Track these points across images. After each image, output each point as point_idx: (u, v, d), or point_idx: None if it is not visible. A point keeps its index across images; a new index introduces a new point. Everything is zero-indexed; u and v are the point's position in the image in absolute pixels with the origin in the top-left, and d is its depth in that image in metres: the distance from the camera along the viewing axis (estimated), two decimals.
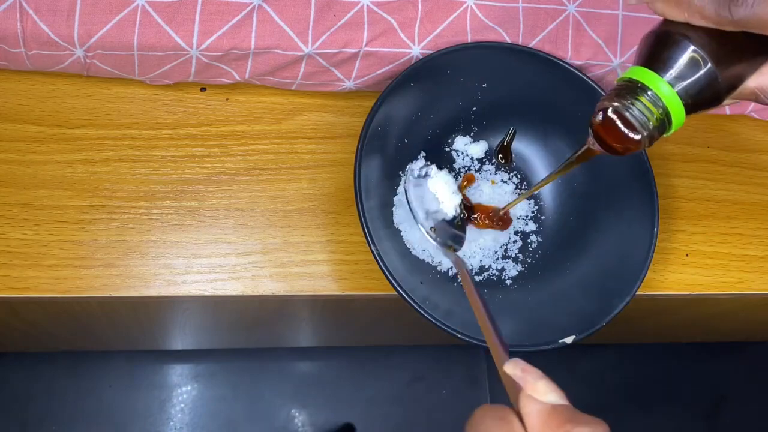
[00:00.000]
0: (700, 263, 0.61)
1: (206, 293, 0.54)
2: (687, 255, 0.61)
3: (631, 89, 0.38)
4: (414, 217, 0.53)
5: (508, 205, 0.56)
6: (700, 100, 0.37)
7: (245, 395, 1.23)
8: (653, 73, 0.37)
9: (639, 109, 0.37)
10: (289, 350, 1.25)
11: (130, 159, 0.56)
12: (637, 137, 0.38)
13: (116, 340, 1.06)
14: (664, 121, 0.38)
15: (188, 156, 0.57)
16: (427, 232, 0.52)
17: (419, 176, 0.55)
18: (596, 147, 0.42)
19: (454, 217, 0.55)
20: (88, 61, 0.53)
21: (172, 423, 1.19)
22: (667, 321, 1.03)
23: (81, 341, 1.06)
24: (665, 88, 0.37)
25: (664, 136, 0.39)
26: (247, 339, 1.13)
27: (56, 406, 1.17)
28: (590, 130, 0.41)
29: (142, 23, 0.51)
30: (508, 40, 0.56)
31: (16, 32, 0.50)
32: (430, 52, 0.54)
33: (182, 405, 1.20)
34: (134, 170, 0.56)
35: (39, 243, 0.53)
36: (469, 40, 0.55)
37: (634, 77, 0.38)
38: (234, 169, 0.57)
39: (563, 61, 0.56)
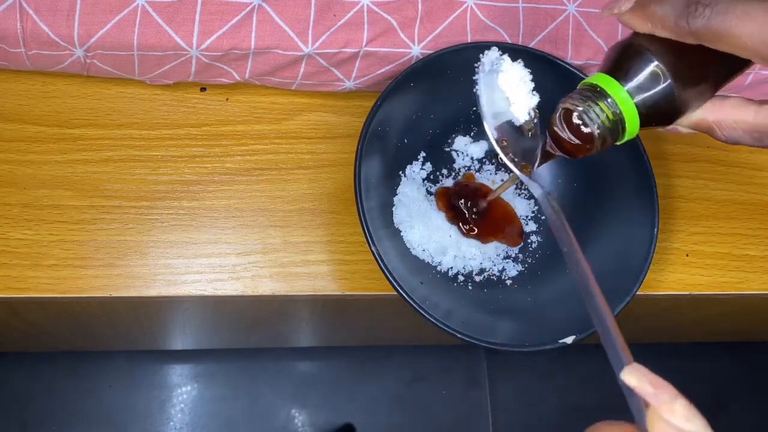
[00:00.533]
0: (700, 263, 0.61)
1: (206, 293, 0.54)
2: (687, 255, 0.61)
3: (592, 93, 0.39)
4: (484, 122, 0.46)
5: (495, 190, 0.55)
6: (654, 113, 0.38)
7: (245, 395, 1.23)
8: (615, 81, 0.38)
9: (596, 113, 0.39)
10: (289, 350, 1.25)
11: (130, 159, 0.56)
12: (590, 139, 0.39)
13: (116, 340, 1.06)
14: (618, 128, 0.39)
15: (188, 156, 0.57)
16: (498, 145, 0.46)
17: (491, 71, 0.47)
18: (552, 149, 0.42)
19: (527, 121, 0.48)
20: (88, 61, 0.53)
21: (172, 423, 1.19)
22: (667, 321, 1.03)
23: (81, 341, 1.06)
24: (624, 96, 0.38)
25: (617, 143, 0.40)
26: (247, 339, 1.13)
27: (56, 406, 1.17)
28: (547, 132, 0.42)
29: (142, 23, 0.51)
30: (508, 40, 0.56)
31: (16, 32, 0.50)
32: (430, 52, 0.54)
33: (182, 405, 1.20)
34: (134, 170, 0.56)
35: (39, 243, 0.53)
36: (469, 40, 0.55)
37: (596, 83, 0.39)
38: (234, 169, 0.57)
39: (563, 61, 0.56)
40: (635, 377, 0.30)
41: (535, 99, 0.47)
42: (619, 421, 0.30)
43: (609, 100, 0.38)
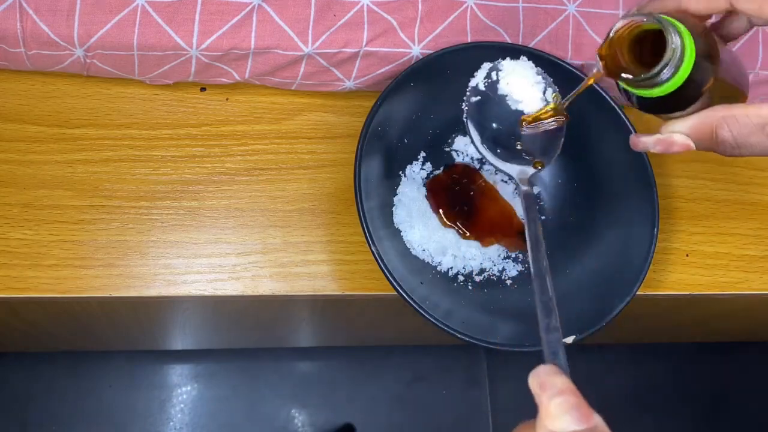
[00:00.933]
0: (700, 263, 0.61)
1: (206, 293, 0.54)
2: (687, 255, 0.61)
3: (676, 32, 0.37)
4: (474, 145, 0.48)
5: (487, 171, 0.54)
6: (696, 72, 0.37)
7: (245, 395, 1.22)
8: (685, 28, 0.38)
9: (678, 49, 0.37)
10: (289, 350, 1.25)
11: (130, 159, 0.56)
12: (653, 62, 0.38)
13: (116, 340, 1.06)
14: (664, 80, 0.37)
15: (188, 156, 0.57)
16: (492, 162, 0.47)
17: (487, 88, 0.48)
18: (599, 66, 0.41)
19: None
20: (88, 61, 0.53)
21: (172, 423, 1.19)
22: (667, 321, 1.03)
23: (81, 341, 1.06)
24: (690, 41, 0.37)
25: (650, 91, 0.39)
26: (247, 339, 1.13)
27: (56, 406, 1.17)
28: (600, 52, 0.41)
29: (142, 23, 0.51)
30: (508, 40, 0.56)
31: (16, 32, 0.50)
32: (430, 52, 0.54)
33: (182, 405, 1.20)
34: (134, 170, 0.56)
35: (39, 243, 0.53)
36: (469, 40, 0.55)
37: (681, 29, 0.37)
38: (234, 169, 0.57)
39: (563, 61, 0.56)
40: (532, 379, 0.30)
41: (540, 86, 0.46)
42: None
43: (686, 44, 0.37)
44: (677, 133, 0.39)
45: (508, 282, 0.56)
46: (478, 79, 0.49)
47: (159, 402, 1.20)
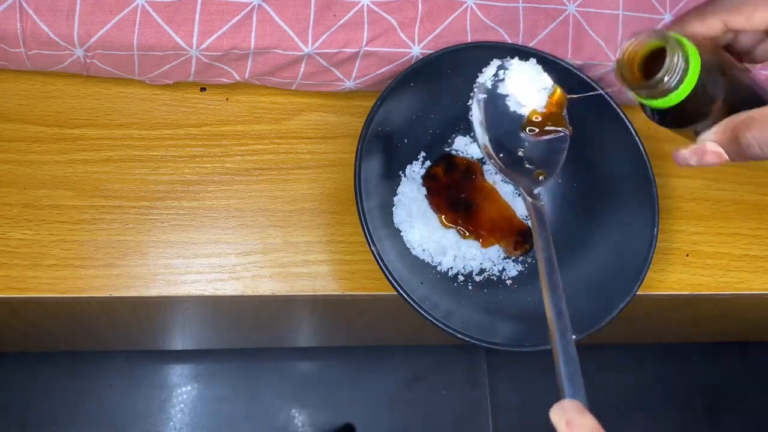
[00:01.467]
0: (700, 263, 0.61)
1: (206, 293, 0.54)
2: (687, 255, 0.61)
3: (677, 44, 0.39)
4: (478, 145, 0.44)
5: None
6: (700, 96, 0.39)
7: (245, 395, 1.23)
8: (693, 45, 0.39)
9: (680, 59, 0.38)
10: (289, 350, 1.25)
11: (130, 159, 0.56)
12: (659, 72, 0.39)
13: (116, 340, 1.06)
14: (670, 89, 0.39)
15: (188, 156, 0.57)
16: (500, 169, 0.44)
17: (494, 85, 0.45)
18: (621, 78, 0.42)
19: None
20: (88, 61, 0.53)
21: (172, 423, 1.19)
22: (667, 321, 1.03)
23: (81, 341, 1.06)
24: (696, 59, 0.39)
25: (660, 101, 0.40)
26: (247, 339, 1.13)
27: (56, 406, 1.17)
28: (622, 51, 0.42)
29: (142, 23, 0.51)
30: (508, 40, 0.56)
31: (16, 32, 0.50)
32: (430, 52, 0.54)
33: (182, 405, 1.20)
34: (134, 170, 0.56)
35: (39, 243, 0.53)
36: (469, 40, 0.55)
37: (686, 44, 0.39)
38: (234, 169, 0.57)
39: (563, 61, 0.56)
40: (556, 414, 0.30)
41: (546, 93, 0.45)
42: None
43: (690, 64, 0.38)
44: (707, 141, 0.40)
45: (508, 282, 0.56)
46: (486, 76, 0.47)
47: (159, 402, 1.20)
